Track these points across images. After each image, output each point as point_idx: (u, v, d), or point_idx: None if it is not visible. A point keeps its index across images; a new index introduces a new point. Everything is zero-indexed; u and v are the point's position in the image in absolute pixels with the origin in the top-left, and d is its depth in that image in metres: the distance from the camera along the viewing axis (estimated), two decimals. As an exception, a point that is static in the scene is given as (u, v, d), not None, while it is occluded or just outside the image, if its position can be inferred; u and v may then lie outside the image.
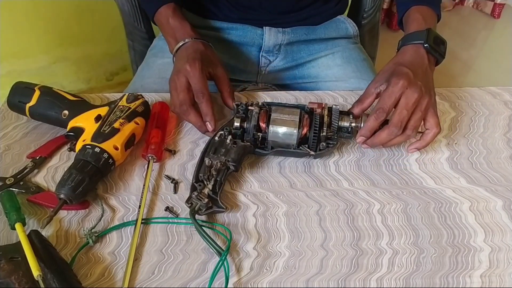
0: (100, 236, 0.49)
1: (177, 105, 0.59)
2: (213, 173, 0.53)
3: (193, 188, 0.53)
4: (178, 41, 0.64)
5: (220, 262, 0.46)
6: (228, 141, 0.56)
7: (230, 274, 0.46)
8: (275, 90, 0.86)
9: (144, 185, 0.53)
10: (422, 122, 0.56)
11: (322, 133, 0.56)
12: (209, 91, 0.59)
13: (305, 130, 0.56)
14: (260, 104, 0.59)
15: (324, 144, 0.56)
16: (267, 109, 0.58)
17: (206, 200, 0.50)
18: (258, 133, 0.57)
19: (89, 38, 1.44)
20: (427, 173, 0.58)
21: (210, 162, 0.54)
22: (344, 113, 0.59)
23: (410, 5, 0.66)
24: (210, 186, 0.52)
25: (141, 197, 0.52)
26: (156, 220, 0.51)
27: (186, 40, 0.63)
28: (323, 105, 0.58)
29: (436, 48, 0.59)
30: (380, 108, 0.53)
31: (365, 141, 0.56)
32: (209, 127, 0.58)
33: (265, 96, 0.69)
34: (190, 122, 0.60)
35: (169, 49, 0.67)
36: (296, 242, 0.50)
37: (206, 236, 0.47)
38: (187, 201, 0.52)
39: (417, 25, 0.62)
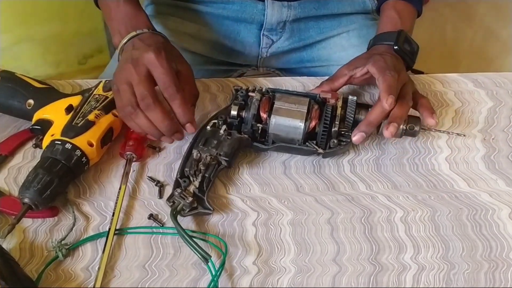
0: (71, 249, 0.49)
1: (132, 101, 0.53)
2: (201, 168, 0.53)
3: (176, 184, 0.53)
4: (130, 30, 0.60)
5: (212, 283, 0.46)
6: (221, 131, 0.56)
7: (225, 293, 0.46)
8: (279, 76, 0.85)
9: (120, 188, 0.53)
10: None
11: (333, 128, 0.56)
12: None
13: (313, 123, 0.56)
14: (263, 90, 0.59)
15: (335, 141, 0.56)
16: (270, 97, 0.58)
17: (191, 199, 0.50)
18: (258, 124, 0.57)
19: (58, 15, 1.43)
20: (459, 174, 0.58)
21: (199, 155, 0.54)
22: (362, 106, 0.58)
23: None
24: (196, 183, 0.52)
25: (116, 202, 0.52)
26: (137, 230, 0.51)
27: (144, 31, 0.60)
28: (338, 95, 0.58)
29: (406, 51, 0.63)
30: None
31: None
32: (191, 129, 0.55)
33: (267, 83, 0.69)
34: (153, 123, 0.54)
35: (113, 40, 0.63)
36: (303, 256, 0.50)
37: (188, 238, 0.47)
38: (168, 199, 0.52)
39: (391, 26, 0.66)
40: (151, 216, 0.52)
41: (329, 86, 0.61)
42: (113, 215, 0.51)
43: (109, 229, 0.50)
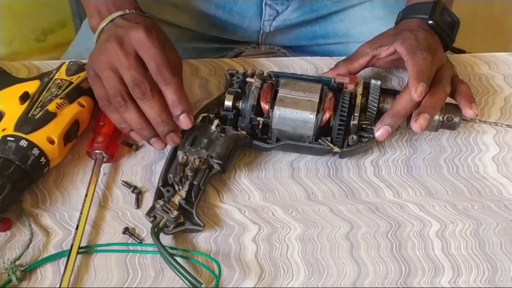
0: (27, 271, 0.49)
1: (121, 90, 0.54)
2: (188, 174, 0.53)
3: (158, 195, 0.53)
4: (112, 10, 0.61)
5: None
6: (213, 127, 0.56)
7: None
8: (285, 55, 0.86)
9: (86, 195, 0.53)
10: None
11: (352, 121, 0.56)
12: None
13: (327, 116, 0.56)
14: (264, 74, 0.59)
15: (355, 137, 0.56)
16: (273, 83, 0.58)
17: (176, 213, 0.51)
18: (258, 118, 0.57)
19: (10, -21, 1.43)
20: (509, 177, 0.58)
21: (185, 157, 0.54)
22: (387, 93, 0.58)
23: None
24: (183, 193, 0.52)
25: (81, 212, 0.52)
26: (109, 248, 0.51)
27: (127, 11, 0.61)
28: (358, 79, 0.58)
29: (443, 26, 0.63)
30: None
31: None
32: (187, 121, 0.55)
33: (270, 65, 0.69)
34: (146, 119, 0.55)
35: (89, 22, 0.64)
36: (316, 279, 0.50)
37: (173, 261, 0.47)
38: (148, 213, 0.52)
39: None
40: (127, 231, 0.52)
41: (347, 68, 0.61)
42: (77, 229, 0.51)
43: (72, 245, 0.50)
